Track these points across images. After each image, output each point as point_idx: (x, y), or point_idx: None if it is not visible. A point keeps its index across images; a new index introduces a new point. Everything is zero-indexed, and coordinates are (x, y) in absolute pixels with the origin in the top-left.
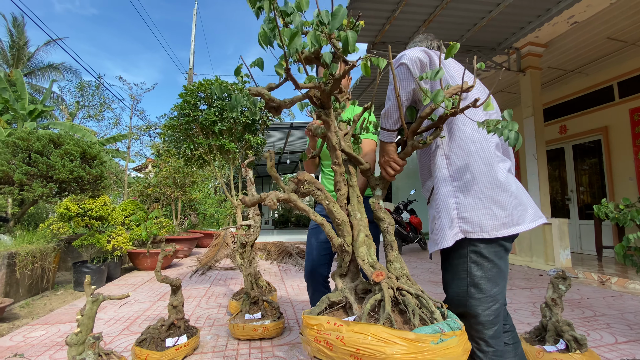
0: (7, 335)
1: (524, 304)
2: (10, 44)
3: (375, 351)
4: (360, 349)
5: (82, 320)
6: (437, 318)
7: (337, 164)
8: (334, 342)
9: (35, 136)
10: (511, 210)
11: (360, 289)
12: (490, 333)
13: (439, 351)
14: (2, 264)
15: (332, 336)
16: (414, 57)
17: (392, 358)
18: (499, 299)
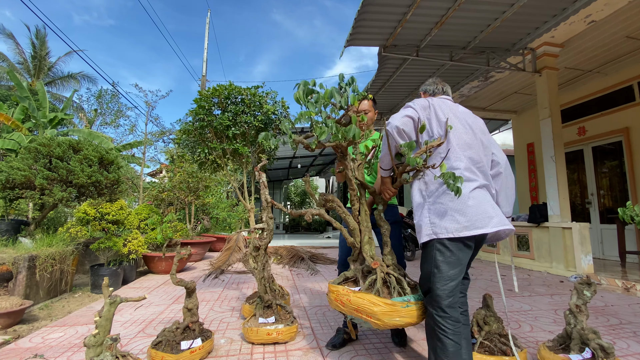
0: (26, 337)
1: (545, 311)
2: (32, 54)
3: (368, 309)
4: (359, 307)
5: (100, 322)
6: (408, 293)
7: (352, 189)
8: (345, 302)
9: (55, 142)
10: (472, 217)
11: (366, 270)
12: (446, 303)
13: (405, 312)
14: (23, 266)
15: (345, 298)
16: (395, 125)
17: (377, 313)
18: (454, 279)
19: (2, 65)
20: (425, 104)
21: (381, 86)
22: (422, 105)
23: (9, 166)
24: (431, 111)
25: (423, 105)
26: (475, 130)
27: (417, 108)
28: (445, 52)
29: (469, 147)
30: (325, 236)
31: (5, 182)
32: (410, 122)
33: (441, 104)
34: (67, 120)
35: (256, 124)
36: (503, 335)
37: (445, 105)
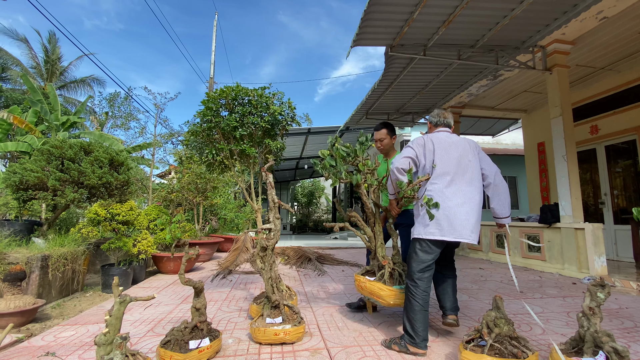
0: (39, 335)
1: (557, 313)
2: (45, 58)
3: (378, 292)
4: (372, 291)
5: (110, 321)
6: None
7: (368, 208)
8: (364, 287)
9: (67, 144)
10: (441, 227)
11: (380, 266)
12: (417, 276)
13: (402, 295)
14: (36, 266)
15: (363, 285)
16: (395, 166)
17: (383, 296)
18: (425, 262)
19: (16, 69)
20: (421, 142)
21: (388, 86)
22: (418, 143)
23: (23, 168)
24: (426, 148)
25: (419, 143)
26: (463, 154)
27: (414, 147)
28: (453, 50)
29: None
30: (332, 237)
31: (19, 183)
32: (408, 161)
33: (435, 138)
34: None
35: (263, 124)
36: (514, 338)
37: (437, 139)
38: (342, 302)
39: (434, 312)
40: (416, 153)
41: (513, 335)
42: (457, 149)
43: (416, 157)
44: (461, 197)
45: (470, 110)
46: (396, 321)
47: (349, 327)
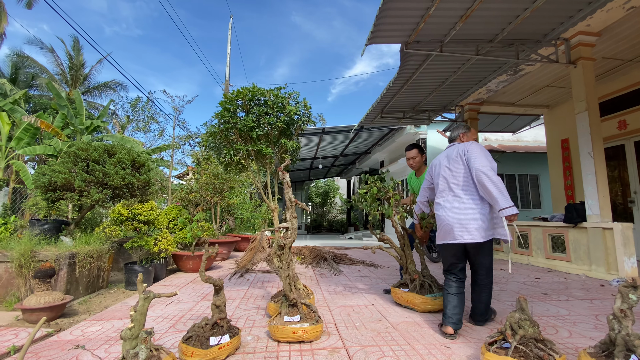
0: (67, 330)
1: (585, 316)
2: (69, 65)
3: (413, 302)
4: (408, 300)
5: (135, 316)
6: (435, 291)
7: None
8: (400, 297)
9: (92, 147)
10: (440, 233)
11: (412, 279)
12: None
13: (433, 302)
14: (64, 263)
15: (399, 295)
16: (418, 201)
17: (417, 304)
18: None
19: (43, 76)
20: (430, 167)
21: (403, 84)
22: (429, 170)
23: (51, 169)
24: (432, 171)
25: (430, 169)
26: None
27: (427, 175)
28: (470, 46)
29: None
30: (347, 237)
31: (47, 184)
32: (424, 194)
33: (441, 156)
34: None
35: (279, 124)
36: (540, 340)
37: (442, 155)
38: (360, 302)
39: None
40: (429, 180)
41: (539, 337)
42: (442, 162)
43: (430, 183)
44: (447, 204)
45: (489, 106)
46: (415, 321)
47: (366, 326)
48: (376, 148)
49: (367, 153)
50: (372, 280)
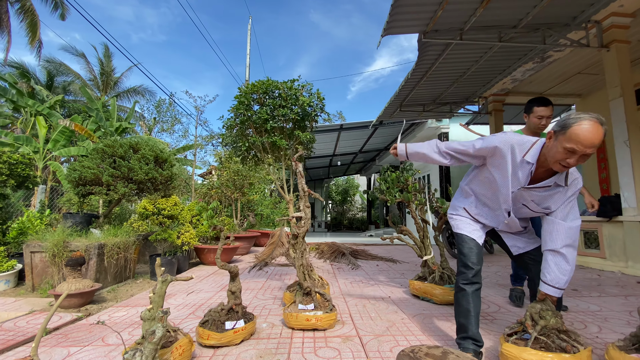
0: (95, 314)
1: (617, 312)
2: (100, 71)
3: (431, 292)
4: (426, 291)
5: (154, 298)
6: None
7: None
8: (418, 289)
9: (118, 143)
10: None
11: (430, 271)
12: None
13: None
14: (94, 253)
15: (417, 287)
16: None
17: (436, 294)
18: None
19: (77, 82)
20: (505, 149)
21: (422, 75)
22: (496, 146)
23: (81, 165)
24: (509, 159)
25: (501, 147)
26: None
27: (486, 145)
28: (493, 33)
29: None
30: (367, 234)
31: (78, 179)
32: (460, 153)
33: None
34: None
35: (293, 116)
36: (562, 331)
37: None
38: (376, 294)
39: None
40: (478, 153)
41: (561, 328)
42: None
43: (476, 158)
44: (502, 227)
45: (515, 97)
46: (432, 314)
47: (382, 317)
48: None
49: (386, 149)
50: (390, 275)
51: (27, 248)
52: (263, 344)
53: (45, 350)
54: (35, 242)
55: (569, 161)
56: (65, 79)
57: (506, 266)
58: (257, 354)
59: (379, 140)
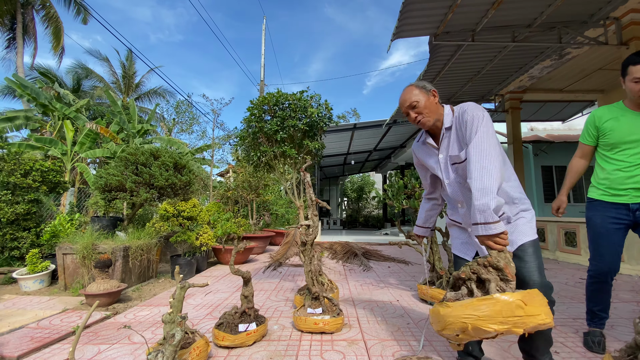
0: (122, 313)
1: (626, 319)
2: (122, 74)
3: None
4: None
5: (174, 303)
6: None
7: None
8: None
9: (140, 151)
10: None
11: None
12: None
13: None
14: (120, 255)
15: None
16: None
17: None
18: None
19: (100, 85)
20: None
21: (435, 76)
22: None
23: (107, 173)
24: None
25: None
26: None
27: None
28: (506, 33)
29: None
30: (382, 233)
31: (104, 186)
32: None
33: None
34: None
35: (301, 127)
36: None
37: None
38: (385, 298)
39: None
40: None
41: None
42: None
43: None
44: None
45: (533, 94)
46: None
47: (388, 322)
48: (411, 142)
49: (402, 147)
50: (401, 277)
51: (59, 250)
52: (274, 345)
53: (78, 347)
54: (66, 245)
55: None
56: (90, 82)
57: None
58: (268, 355)
59: (393, 138)
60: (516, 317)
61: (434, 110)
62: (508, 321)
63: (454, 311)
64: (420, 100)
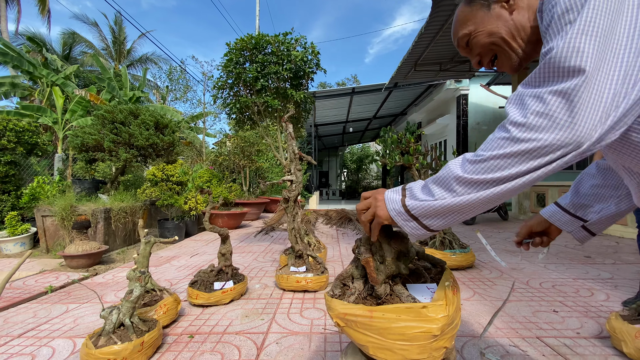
0: (101, 274)
1: (630, 280)
2: (112, 40)
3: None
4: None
5: (138, 259)
6: (456, 248)
7: None
8: None
9: (118, 109)
10: None
11: (432, 236)
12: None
13: (451, 257)
14: (101, 217)
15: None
16: None
17: None
18: None
19: (90, 52)
20: None
21: (438, 29)
22: None
23: (83, 131)
24: None
25: None
26: None
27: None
28: None
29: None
30: None
31: (80, 145)
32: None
33: None
34: (143, 97)
35: (285, 73)
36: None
37: None
38: None
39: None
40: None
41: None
42: None
43: None
44: None
45: None
46: None
47: None
48: (413, 109)
49: (403, 114)
50: None
51: (37, 212)
52: (252, 303)
53: (46, 307)
54: (45, 207)
55: None
56: (80, 49)
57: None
58: (244, 313)
59: (394, 104)
60: None
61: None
62: None
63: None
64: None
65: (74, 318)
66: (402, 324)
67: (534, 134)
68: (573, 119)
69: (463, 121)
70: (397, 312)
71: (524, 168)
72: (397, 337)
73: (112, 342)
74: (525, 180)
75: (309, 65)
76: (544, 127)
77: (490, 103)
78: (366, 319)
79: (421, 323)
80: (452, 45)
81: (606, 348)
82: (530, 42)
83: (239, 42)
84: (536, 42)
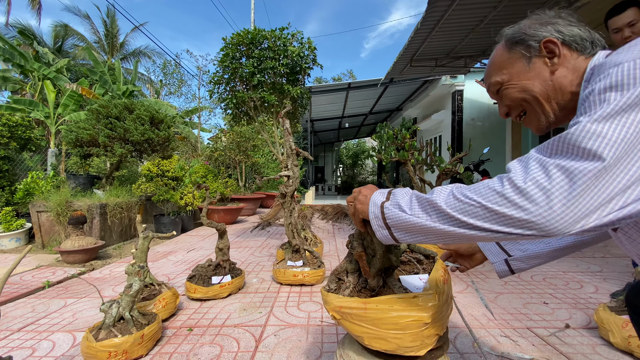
0: (98, 269)
1: (619, 273)
2: (105, 33)
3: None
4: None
5: (136, 254)
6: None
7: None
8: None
9: (112, 104)
10: None
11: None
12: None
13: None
14: (96, 212)
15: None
16: None
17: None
18: None
19: (82, 45)
20: None
21: (434, 25)
22: None
23: (77, 126)
24: None
25: None
26: None
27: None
28: None
29: None
30: None
31: (75, 140)
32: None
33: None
34: (136, 91)
35: (281, 69)
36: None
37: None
38: None
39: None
40: None
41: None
42: None
43: None
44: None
45: None
46: None
47: None
48: (408, 104)
49: (398, 110)
50: None
51: (32, 208)
52: (249, 297)
53: (44, 301)
54: (40, 202)
55: None
56: (72, 42)
57: None
58: (241, 307)
59: (389, 100)
60: None
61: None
62: None
63: None
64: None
65: (73, 312)
66: (395, 313)
67: (525, 203)
68: (565, 204)
69: (458, 117)
70: (389, 302)
71: (492, 227)
72: (390, 326)
73: (113, 335)
74: (482, 235)
75: (306, 61)
76: (536, 201)
77: (485, 99)
78: (360, 310)
79: (413, 312)
80: (448, 41)
81: (594, 338)
82: (566, 109)
83: (236, 36)
84: (572, 109)
